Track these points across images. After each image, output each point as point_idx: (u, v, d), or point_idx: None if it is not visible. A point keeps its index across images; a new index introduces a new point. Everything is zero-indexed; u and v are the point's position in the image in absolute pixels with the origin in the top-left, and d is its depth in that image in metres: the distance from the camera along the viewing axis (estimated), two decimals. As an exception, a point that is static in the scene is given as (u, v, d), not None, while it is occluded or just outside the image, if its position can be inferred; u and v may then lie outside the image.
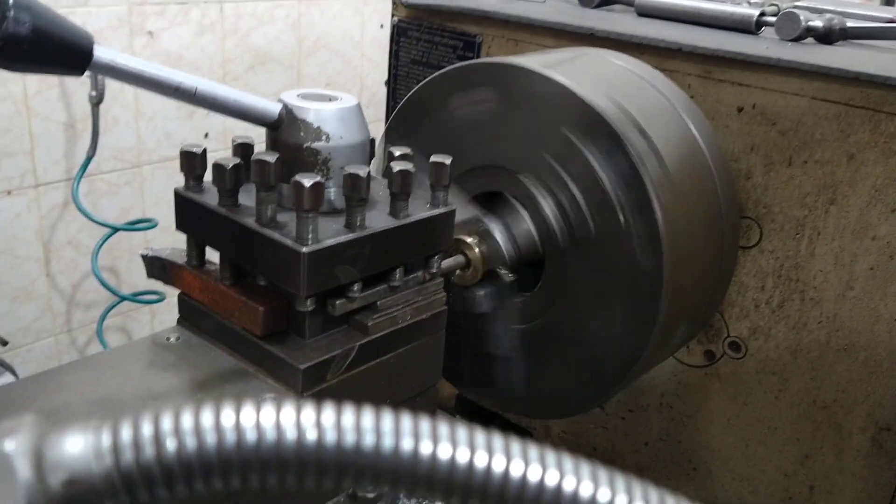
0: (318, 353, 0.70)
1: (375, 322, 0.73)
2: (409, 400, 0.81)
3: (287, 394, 0.69)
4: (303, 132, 0.70)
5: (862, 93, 0.85)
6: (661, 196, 0.78)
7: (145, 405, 0.65)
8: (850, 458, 0.94)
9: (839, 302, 0.91)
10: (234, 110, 0.69)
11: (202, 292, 0.75)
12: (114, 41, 1.93)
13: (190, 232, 0.75)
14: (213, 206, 0.71)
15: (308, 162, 0.71)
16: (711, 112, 0.94)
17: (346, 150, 0.72)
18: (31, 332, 2.05)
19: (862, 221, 0.87)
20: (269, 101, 0.71)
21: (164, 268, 0.78)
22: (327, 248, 0.66)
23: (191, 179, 0.73)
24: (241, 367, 0.73)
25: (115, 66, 0.63)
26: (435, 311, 0.79)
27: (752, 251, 0.96)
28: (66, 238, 2.03)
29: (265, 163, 0.65)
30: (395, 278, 0.74)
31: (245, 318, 0.71)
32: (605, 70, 0.91)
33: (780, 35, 1.03)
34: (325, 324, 0.72)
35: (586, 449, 1.17)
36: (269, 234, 0.67)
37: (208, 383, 0.70)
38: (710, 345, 1.01)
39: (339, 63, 2.46)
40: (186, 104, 0.68)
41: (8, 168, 1.86)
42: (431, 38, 1.20)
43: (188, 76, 0.65)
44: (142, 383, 0.69)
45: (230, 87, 0.70)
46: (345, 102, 0.72)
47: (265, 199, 0.67)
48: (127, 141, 2.05)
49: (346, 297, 0.71)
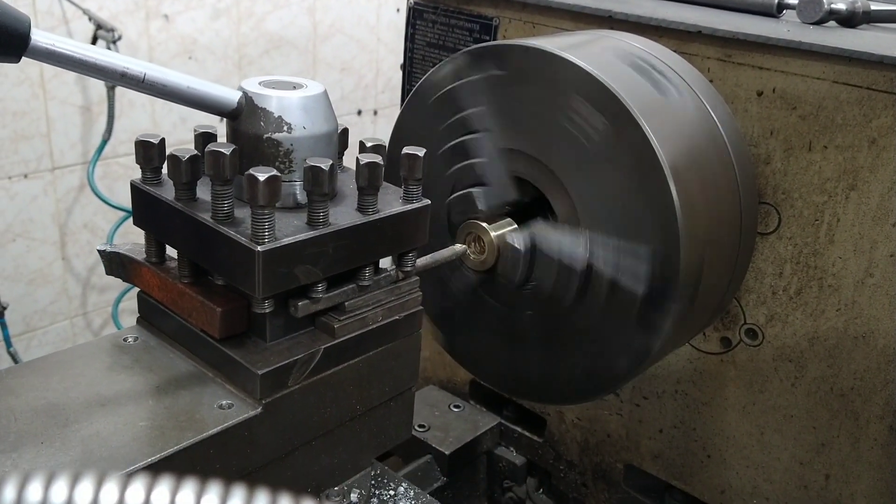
0: (279, 357, 0.67)
1: (343, 324, 0.70)
2: (382, 405, 0.78)
3: (245, 400, 0.66)
4: (263, 122, 0.66)
5: (885, 76, 0.83)
6: (679, 180, 0.77)
7: (92, 412, 0.63)
8: (866, 446, 0.94)
9: (858, 289, 0.90)
10: (188, 98, 0.65)
11: (161, 291, 0.72)
12: (129, 24, 1.93)
13: (147, 227, 0.72)
14: (169, 200, 0.67)
15: (269, 154, 0.67)
16: (731, 96, 0.93)
17: (311, 141, 0.67)
18: (47, 315, 2.07)
19: (883, 207, 0.86)
20: (227, 88, 0.67)
21: (123, 264, 0.74)
22: (285, 247, 0.62)
23: (148, 171, 0.69)
24: (199, 371, 0.69)
25: (55, 52, 0.58)
26: (409, 311, 0.76)
27: (771, 237, 0.95)
28: (82, 221, 2.04)
29: (220, 154, 0.61)
30: (365, 277, 0.70)
31: (203, 318, 0.68)
32: (623, 53, 0.90)
33: (802, 18, 1.02)
34: (289, 326, 0.69)
35: (600, 435, 1.17)
36: (224, 230, 0.63)
37: (162, 388, 0.67)
38: (727, 332, 1.01)
39: (354, 47, 2.45)
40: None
41: (25, 151, 1.87)
42: (448, 21, 1.19)
43: (137, 62, 0.62)
44: (91, 388, 0.66)
45: (184, 74, 0.65)
46: (309, 90, 0.68)
47: (220, 193, 0.63)
48: (143, 124, 2.05)
49: (310, 298, 0.67)
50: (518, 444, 1.26)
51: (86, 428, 0.61)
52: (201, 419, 0.64)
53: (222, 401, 0.66)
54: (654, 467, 1.13)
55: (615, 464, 1.17)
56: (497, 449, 1.26)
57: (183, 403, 0.65)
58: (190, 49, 2.06)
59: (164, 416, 0.64)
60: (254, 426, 0.66)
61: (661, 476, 1.13)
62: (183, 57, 2.06)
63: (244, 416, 0.65)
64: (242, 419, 0.65)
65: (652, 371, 1.08)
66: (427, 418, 1.22)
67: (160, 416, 0.64)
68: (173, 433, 0.62)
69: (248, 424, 0.65)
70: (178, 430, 0.62)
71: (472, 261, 0.90)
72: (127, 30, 1.90)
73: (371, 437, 0.79)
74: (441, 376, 1.34)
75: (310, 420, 0.71)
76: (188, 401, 0.66)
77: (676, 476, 1.11)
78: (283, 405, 0.68)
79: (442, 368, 1.34)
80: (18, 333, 2.01)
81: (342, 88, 2.45)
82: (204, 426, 0.63)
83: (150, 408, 0.65)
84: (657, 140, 0.77)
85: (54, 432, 0.61)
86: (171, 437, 0.61)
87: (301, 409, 0.69)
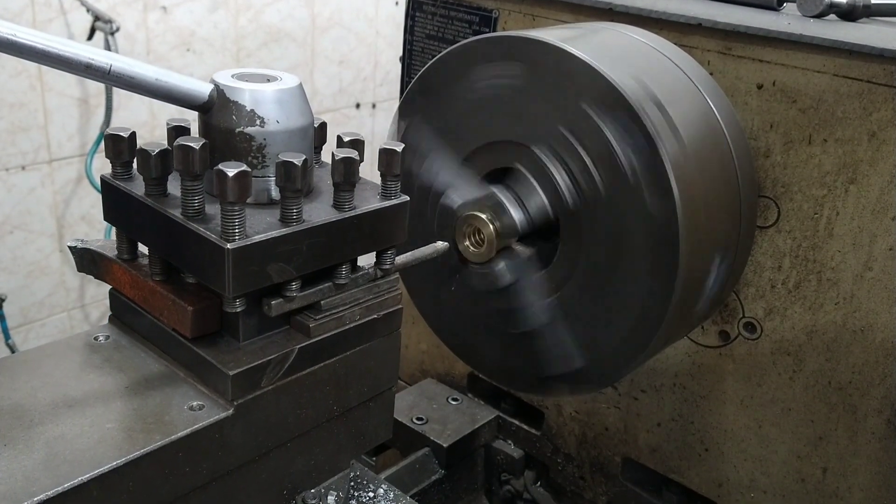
0: (252, 357, 0.65)
1: (318, 323, 0.68)
2: (360, 406, 0.76)
3: (217, 401, 0.65)
4: (235, 115, 0.64)
5: (885, 70, 0.83)
6: (679, 173, 0.77)
7: (58, 413, 0.61)
8: (864, 440, 0.94)
9: (857, 283, 0.90)
10: (156, 91, 0.63)
11: (132, 288, 0.70)
12: (127, 16, 1.92)
13: (118, 223, 0.70)
14: (139, 195, 0.66)
15: (241, 148, 0.65)
16: (731, 89, 0.93)
17: (285, 136, 0.66)
18: (44, 307, 2.07)
19: (882, 201, 0.86)
20: (199, 81, 0.65)
21: (94, 261, 0.73)
22: (256, 244, 0.61)
23: (118, 166, 0.68)
24: (171, 371, 0.68)
25: (16, 42, 0.56)
26: (388, 309, 0.74)
27: (770, 231, 0.94)
28: (80, 213, 2.04)
29: (189, 149, 0.60)
30: (342, 276, 0.69)
31: (174, 317, 0.66)
32: (623, 45, 0.90)
33: (802, 11, 1.02)
34: (262, 325, 0.68)
35: (598, 429, 1.17)
36: (194, 227, 0.61)
37: (132, 389, 0.66)
38: (725, 325, 1.01)
39: (353, 40, 2.44)
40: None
41: (22, 143, 1.87)
42: (447, 12, 1.18)
43: (102, 53, 0.60)
44: (59, 388, 0.64)
45: (152, 66, 0.63)
46: (284, 83, 0.67)
47: (190, 189, 0.62)
48: (140, 116, 2.05)
49: (284, 297, 0.66)
50: (516, 437, 1.26)
51: (51, 430, 0.60)
52: (170, 421, 0.62)
53: (193, 402, 0.64)
54: (651, 460, 1.13)
55: (613, 457, 1.17)
56: (495, 442, 1.26)
57: (152, 405, 0.64)
58: (188, 41, 2.06)
59: (132, 417, 0.62)
60: (225, 428, 0.64)
61: (658, 469, 1.13)
62: (181, 49, 2.05)
63: (215, 418, 0.63)
64: (213, 421, 0.63)
65: (650, 364, 1.08)
66: (425, 411, 1.22)
67: (128, 418, 0.62)
68: (141, 435, 0.60)
69: (220, 426, 0.64)
70: (146, 433, 0.60)
71: (469, 252, 0.90)
72: (125, 21, 1.90)
73: (349, 438, 0.78)
74: (439, 369, 1.34)
75: (284, 421, 0.70)
76: (158, 402, 0.64)
77: (674, 469, 1.11)
78: (256, 406, 0.66)
79: (440, 361, 1.34)
80: (16, 325, 2.00)
81: (340, 81, 2.44)
82: (173, 428, 0.61)
83: (118, 409, 0.63)
84: (658, 132, 0.76)
85: (18, 434, 0.59)
86: (138, 439, 0.60)
87: (275, 410, 0.68)
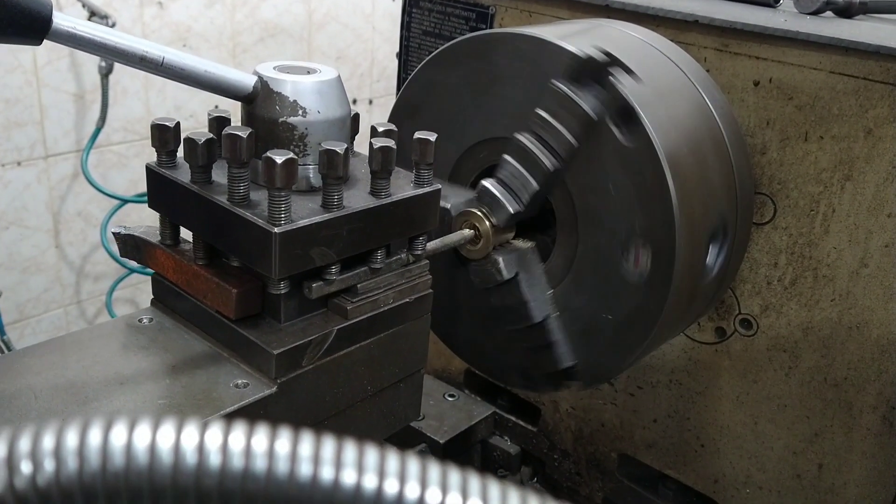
0: (293, 337, 0.68)
1: (355, 306, 0.71)
2: (392, 386, 0.78)
3: (261, 380, 0.67)
4: (278, 106, 0.67)
5: (882, 67, 0.83)
6: (675, 170, 0.77)
7: (111, 390, 0.64)
8: (859, 436, 0.94)
9: (853, 279, 0.90)
10: (205, 82, 0.66)
11: (175, 273, 0.73)
12: (123, 11, 1.92)
13: (162, 210, 0.73)
14: (185, 182, 0.68)
15: (283, 137, 0.68)
16: (727, 86, 0.93)
17: (325, 126, 0.69)
18: (40, 303, 2.06)
19: (878, 198, 0.86)
20: (243, 73, 0.68)
21: (138, 247, 0.75)
22: (301, 229, 0.63)
23: (163, 154, 0.70)
24: (215, 351, 0.71)
25: (77, 35, 0.59)
26: (419, 294, 0.76)
27: (766, 227, 0.95)
28: (76, 209, 2.04)
29: (237, 138, 0.62)
30: (377, 260, 0.71)
31: (218, 300, 0.69)
32: (620, 41, 0.90)
33: (799, 8, 1.02)
34: (302, 307, 0.70)
35: (594, 425, 1.17)
36: (241, 213, 0.64)
37: (178, 368, 0.68)
38: (721, 322, 1.01)
39: (349, 36, 2.44)
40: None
41: (18, 139, 1.86)
42: (444, 8, 1.18)
43: (155, 46, 0.62)
44: (109, 367, 0.67)
45: (202, 58, 0.66)
46: (323, 75, 0.69)
47: (237, 176, 0.64)
48: (136, 112, 2.04)
49: (324, 280, 0.68)
50: (512, 434, 1.26)
51: (106, 405, 0.62)
52: (218, 397, 0.65)
53: (238, 380, 0.67)
54: (647, 457, 1.13)
55: (609, 453, 1.17)
56: (491, 438, 1.26)
57: (200, 382, 0.66)
58: (184, 36, 2.05)
59: (181, 394, 0.65)
60: (269, 405, 0.67)
61: (654, 465, 1.13)
62: (177, 44, 2.05)
63: (260, 395, 0.66)
64: (258, 398, 0.66)
65: (646, 361, 1.08)
66: (422, 407, 1.22)
67: (178, 395, 0.65)
68: (192, 411, 0.63)
69: (264, 403, 0.66)
70: (196, 409, 0.63)
71: (466, 249, 0.90)
72: (121, 17, 1.89)
73: (381, 417, 0.80)
74: (436, 366, 1.35)
75: (322, 400, 0.72)
76: (204, 380, 0.67)
77: (670, 465, 1.11)
78: (297, 385, 0.69)
79: (437, 358, 1.34)
80: (12, 322, 2.00)
81: (337, 77, 2.44)
82: (221, 404, 0.64)
83: (167, 386, 0.66)
84: (654, 129, 0.76)
85: (75, 409, 0.61)
86: (189, 414, 0.62)
87: (314, 388, 0.71)
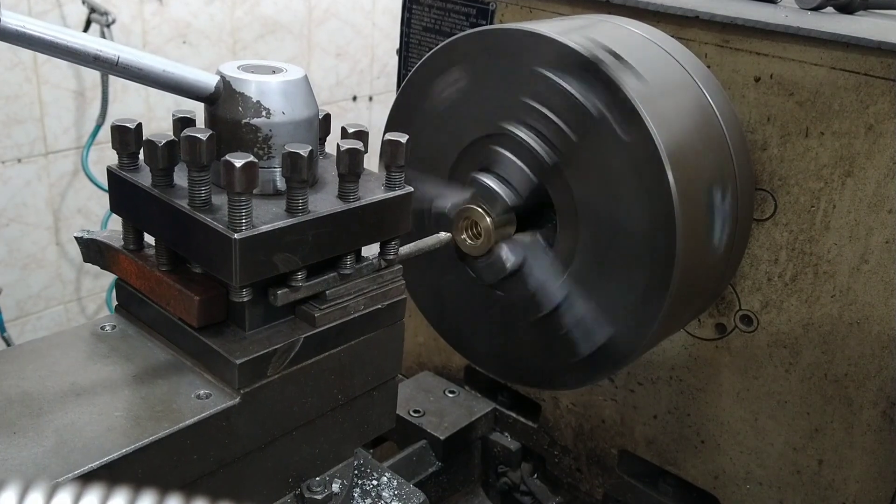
0: (258, 346, 0.66)
1: (324, 313, 0.69)
2: (364, 395, 0.77)
3: (224, 390, 0.65)
4: (241, 107, 0.65)
5: (882, 63, 0.83)
6: (676, 166, 0.77)
7: (66, 402, 0.62)
8: (860, 432, 0.94)
9: (853, 276, 0.90)
10: (164, 82, 0.63)
11: (139, 279, 0.71)
12: (123, 8, 1.92)
13: (124, 214, 0.71)
14: (146, 186, 0.66)
15: (247, 139, 0.66)
16: (728, 82, 0.93)
17: (290, 127, 0.66)
18: (41, 300, 2.06)
19: (879, 194, 0.86)
20: (205, 73, 0.66)
21: (101, 252, 0.73)
22: (263, 234, 0.61)
23: (125, 157, 0.68)
24: (178, 360, 0.69)
25: (26, 34, 0.57)
26: (392, 300, 0.75)
27: (766, 224, 0.95)
28: (76, 206, 2.04)
29: (196, 140, 0.60)
30: (346, 266, 0.69)
31: (181, 307, 0.67)
32: (621, 38, 0.89)
33: (800, 4, 1.02)
34: (268, 314, 0.68)
35: (595, 421, 1.17)
36: (201, 218, 0.62)
37: (140, 378, 0.66)
38: (722, 318, 1.01)
39: (349, 32, 2.44)
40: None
41: (18, 136, 1.86)
42: (444, 5, 1.18)
43: (110, 45, 0.60)
44: (67, 377, 0.65)
45: (159, 57, 0.64)
46: (289, 75, 0.67)
47: (197, 180, 0.62)
48: (136, 109, 2.04)
49: (289, 287, 0.66)
50: (513, 430, 1.26)
51: (60, 418, 0.60)
52: (178, 409, 0.63)
53: (200, 390, 0.65)
54: (648, 453, 1.13)
55: (609, 449, 1.18)
56: (492, 434, 1.26)
57: (160, 393, 0.64)
58: (184, 33, 2.05)
59: (140, 405, 0.63)
60: (232, 416, 0.65)
61: (655, 461, 1.13)
62: (177, 41, 2.05)
63: (222, 406, 0.64)
64: (220, 409, 0.64)
65: (647, 357, 1.08)
66: (422, 404, 1.22)
67: (136, 406, 0.63)
68: (149, 423, 0.61)
69: (227, 414, 0.64)
70: (154, 421, 0.61)
71: (467, 245, 0.90)
72: (120, 13, 1.89)
73: (353, 427, 0.78)
74: (436, 362, 1.35)
75: (290, 410, 0.70)
76: (165, 390, 0.65)
77: (670, 461, 1.11)
78: (263, 395, 0.67)
79: (437, 354, 1.34)
80: (12, 318, 2.00)
81: (337, 74, 2.43)
82: (181, 416, 0.62)
83: (126, 397, 0.64)
84: (655, 126, 0.76)
85: (28, 422, 0.59)
86: (147, 427, 0.60)
87: (281, 399, 0.69)
